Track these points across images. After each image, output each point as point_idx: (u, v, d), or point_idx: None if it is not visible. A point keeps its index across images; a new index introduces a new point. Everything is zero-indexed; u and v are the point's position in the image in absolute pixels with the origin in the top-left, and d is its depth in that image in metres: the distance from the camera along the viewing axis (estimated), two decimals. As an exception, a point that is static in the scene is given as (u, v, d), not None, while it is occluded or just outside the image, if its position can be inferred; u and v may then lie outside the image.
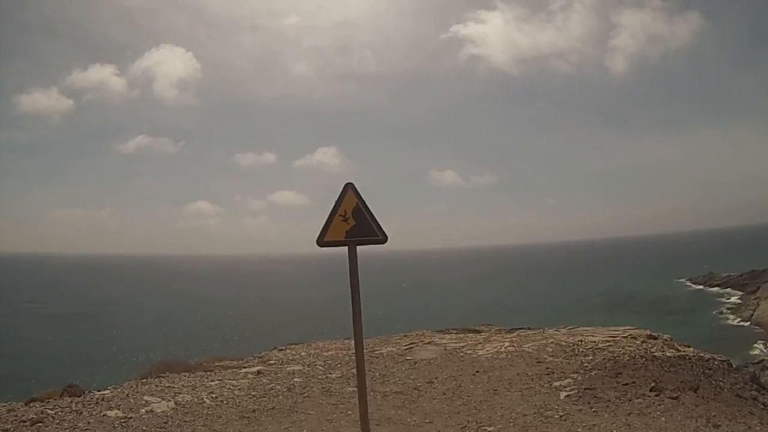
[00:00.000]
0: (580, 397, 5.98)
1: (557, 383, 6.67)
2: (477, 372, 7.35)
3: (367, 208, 4.98)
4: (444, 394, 6.45)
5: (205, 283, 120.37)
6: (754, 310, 53.71)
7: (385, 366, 8.08)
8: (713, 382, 6.89)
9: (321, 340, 10.71)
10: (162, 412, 5.45)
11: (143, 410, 5.44)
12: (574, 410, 5.55)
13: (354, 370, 5.77)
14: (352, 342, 5.44)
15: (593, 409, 5.52)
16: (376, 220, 4.98)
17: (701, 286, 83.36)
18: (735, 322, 55.27)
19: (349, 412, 5.73)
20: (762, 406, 6.24)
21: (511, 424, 5.22)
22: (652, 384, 6.19)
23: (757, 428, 4.88)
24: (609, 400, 5.76)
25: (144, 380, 6.85)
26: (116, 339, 48.47)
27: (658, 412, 5.32)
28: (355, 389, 5.22)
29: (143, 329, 54.76)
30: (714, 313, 61.56)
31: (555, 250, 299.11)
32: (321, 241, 4.89)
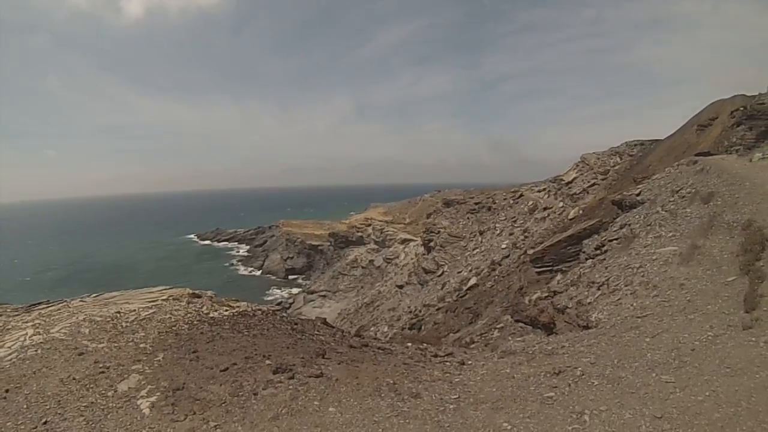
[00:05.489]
0: (173, 404, 4.44)
1: (123, 386, 4.94)
2: (8, 391, 4.86)
3: None
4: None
5: None
6: (264, 261, 66.10)
7: None
8: (318, 339, 6.57)
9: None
10: None
11: None
12: (182, 432, 3.97)
13: None
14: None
15: (213, 424, 4.11)
16: None
17: (209, 242, 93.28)
18: (248, 272, 66.21)
19: None
20: (379, 350, 6.44)
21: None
22: (268, 362, 5.33)
23: (427, 379, 4.96)
24: (223, 402, 4.51)
25: None
26: None
27: (303, 401, 4.48)
28: None
29: None
30: (226, 265, 70.83)
31: (65, 208, 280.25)
32: None
